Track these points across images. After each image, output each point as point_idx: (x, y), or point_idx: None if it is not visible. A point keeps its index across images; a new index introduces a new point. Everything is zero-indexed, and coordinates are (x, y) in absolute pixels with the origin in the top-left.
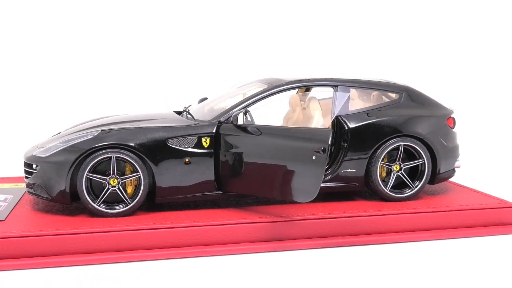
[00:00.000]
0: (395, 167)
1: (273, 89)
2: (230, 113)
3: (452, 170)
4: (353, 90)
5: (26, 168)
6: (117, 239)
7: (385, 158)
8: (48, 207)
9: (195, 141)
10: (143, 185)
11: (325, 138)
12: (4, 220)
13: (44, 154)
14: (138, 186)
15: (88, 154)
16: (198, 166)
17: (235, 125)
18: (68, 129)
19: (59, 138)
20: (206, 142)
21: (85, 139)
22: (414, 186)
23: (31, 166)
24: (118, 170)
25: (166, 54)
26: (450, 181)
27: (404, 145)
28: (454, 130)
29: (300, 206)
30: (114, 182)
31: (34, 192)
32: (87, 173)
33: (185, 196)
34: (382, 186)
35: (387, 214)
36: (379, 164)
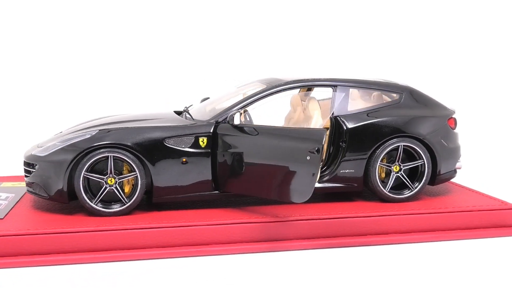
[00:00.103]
0: (395, 168)
1: (271, 89)
2: (227, 113)
3: (453, 171)
4: (353, 90)
5: (25, 167)
6: (113, 238)
7: (384, 159)
8: (47, 206)
9: (192, 141)
10: (140, 184)
11: (319, 138)
12: (2, 218)
13: (42, 153)
14: (135, 186)
15: (85, 153)
16: (195, 166)
17: (232, 125)
18: (69, 128)
19: (58, 137)
20: (203, 142)
21: (82, 139)
22: (414, 187)
23: (31, 165)
24: (115, 170)
25: (166, 54)
26: (451, 181)
27: (403, 145)
28: (456, 130)
29: (297, 207)
30: (111, 182)
31: (33, 191)
32: (85, 172)
33: (182, 195)
34: (381, 186)
35: (385, 215)
36: (378, 164)
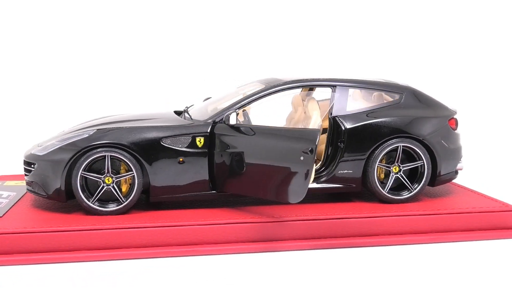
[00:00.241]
0: (394, 169)
1: (269, 89)
2: (224, 113)
3: (453, 172)
4: (352, 90)
5: (25, 166)
6: (109, 237)
7: (383, 160)
8: (46, 205)
9: (189, 140)
10: (137, 184)
11: (312, 139)
12: (1, 216)
13: (41, 153)
14: (132, 185)
15: (83, 152)
16: (192, 166)
17: (228, 125)
18: (70, 128)
19: (57, 136)
20: (200, 142)
21: (80, 138)
22: (413, 188)
23: (30, 164)
24: (113, 169)
25: (166, 54)
26: (452, 182)
27: (403, 146)
28: (457, 131)
29: (294, 207)
30: (109, 181)
31: (32, 189)
32: (82, 171)
33: (179, 195)
34: (380, 187)
35: (383, 216)
36: (377, 165)
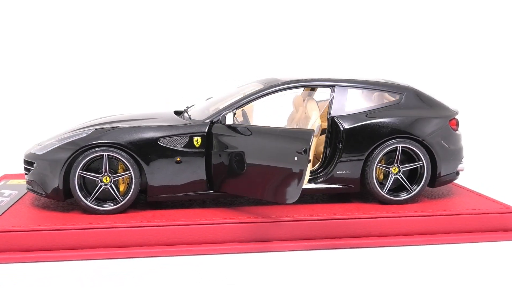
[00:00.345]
0: (393, 169)
1: (268, 89)
2: (221, 113)
3: (454, 173)
4: (351, 91)
5: (25, 165)
6: (105, 236)
7: (382, 160)
8: (46, 204)
9: (187, 140)
10: (134, 183)
11: (306, 139)
12: (0, 215)
13: (40, 152)
14: (130, 185)
15: (81, 152)
16: (189, 166)
17: (225, 125)
18: (71, 127)
19: (57, 136)
20: (197, 141)
21: (78, 137)
22: (413, 189)
23: (30, 163)
24: (111, 168)
25: (166, 54)
26: (453, 183)
27: (402, 147)
28: (458, 132)
29: (291, 207)
30: (106, 180)
31: (32, 188)
32: (80, 170)
33: (177, 195)
34: (379, 188)
35: (380, 217)
36: (376, 166)
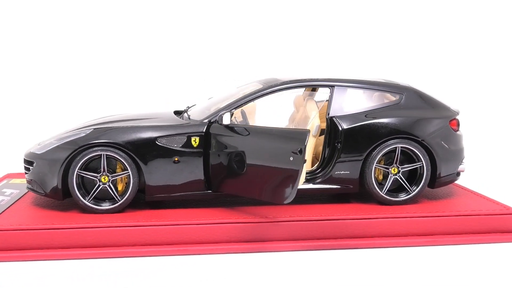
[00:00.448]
0: (393, 170)
1: (266, 89)
2: (218, 113)
3: (454, 174)
4: (352, 91)
5: (25, 164)
6: (102, 235)
7: (382, 161)
8: (45, 203)
9: (184, 140)
10: (132, 183)
11: (302, 139)
12: (0, 213)
13: (39, 151)
14: (128, 184)
15: (79, 151)
16: (187, 165)
17: (222, 125)
18: (71, 127)
19: (56, 135)
20: (195, 141)
21: (77, 137)
22: (412, 190)
23: (29, 162)
24: (109, 168)
25: (166, 54)
26: (454, 183)
27: (401, 147)
28: (459, 132)
29: (289, 208)
30: (105, 180)
31: (31, 187)
32: (78, 170)
33: (175, 194)
34: (377, 189)
35: (377, 218)
36: (375, 166)
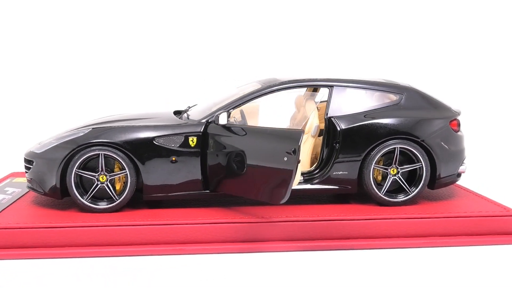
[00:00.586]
0: (392, 171)
1: (265, 89)
2: (215, 113)
3: (455, 175)
4: (351, 91)
5: (25, 163)
6: (99, 234)
7: (381, 161)
8: (45, 202)
9: (182, 140)
10: (130, 182)
11: (295, 139)
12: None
13: (39, 150)
14: (126, 183)
15: (77, 151)
16: (184, 165)
17: (220, 125)
18: (72, 127)
19: (57, 135)
20: (192, 141)
21: (75, 137)
22: (411, 191)
23: (29, 161)
24: (107, 167)
25: (166, 54)
26: (455, 184)
27: (400, 148)
28: (460, 133)
29: (287, 208)
30: (103, 179)
31: (31, 186)
32: (76, 169)
33: (172, 194)
34: (376, 189)
35: (376, 219)
36: (373, 167)
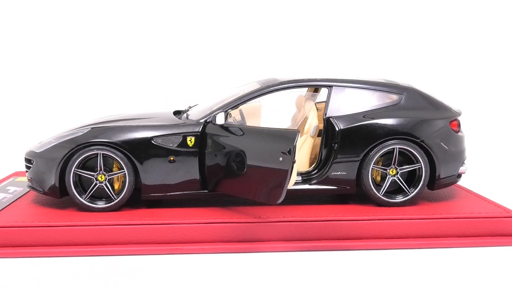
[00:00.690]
0: (391, 171)
1: (263, 89)
2: (213, 113)
3: (455, 175)
4: (350, 91)
5: (25, 163)
6: (97, 234)
7: (380, 162)
8: (45, 201)
9: (180, 140)
10: (128, 182)
11: (291, 139)
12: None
13: (38, 150)
14: (124, 183)
15: (76, 150)
16: (182, 165)
17: (216, 125)
18: (72, 126)
19: (57, 134)
20: (190, 141)
21: (74, 136)
22: (410, 192)
23: (30, 161)
24: (106, 167)
25: (166, 54)
26: (457, 185)
27: (399, 148)
28: (460, 133)
29: (285, 208)
30: (101, 178)
31: (31, 185)
32: (75, 168)
33: (170, 194)
34: (375, 190)
35: (374, 219)
36: (371, 167)
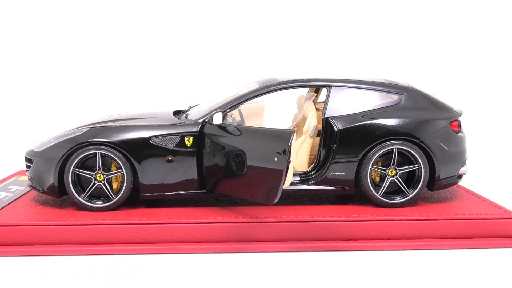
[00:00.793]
0: (390, 172)
1: (262, 89)
2: (211, 113)
3: (455, 176)
4: (350, 91)
5: (26, 162)
6: (95, 233)
7: (379, 162)
8: (45, 200)
9: (178, 140)
10: (126, 181)
11: (286, 139)
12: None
13: (38, 149)
14: (122, 182)
15: (74, 150)
16: (180, 165)
17: (214, 125)
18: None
19: (56, 134)
20: (189, 141)
21: (73, 136)
22: (409, 193)
23: (30, 160)
24: (105, 166)
25: (166, 54)
26: (458, 185)
27: (398, 149)
28: (461, 134)
29: (283, 208)
30: (100, 178)
31: (31, 185)
32: (74, 168)
33: (168, 193)
34: (373, 191)
35: (372, 220)
36: (370, 167)
